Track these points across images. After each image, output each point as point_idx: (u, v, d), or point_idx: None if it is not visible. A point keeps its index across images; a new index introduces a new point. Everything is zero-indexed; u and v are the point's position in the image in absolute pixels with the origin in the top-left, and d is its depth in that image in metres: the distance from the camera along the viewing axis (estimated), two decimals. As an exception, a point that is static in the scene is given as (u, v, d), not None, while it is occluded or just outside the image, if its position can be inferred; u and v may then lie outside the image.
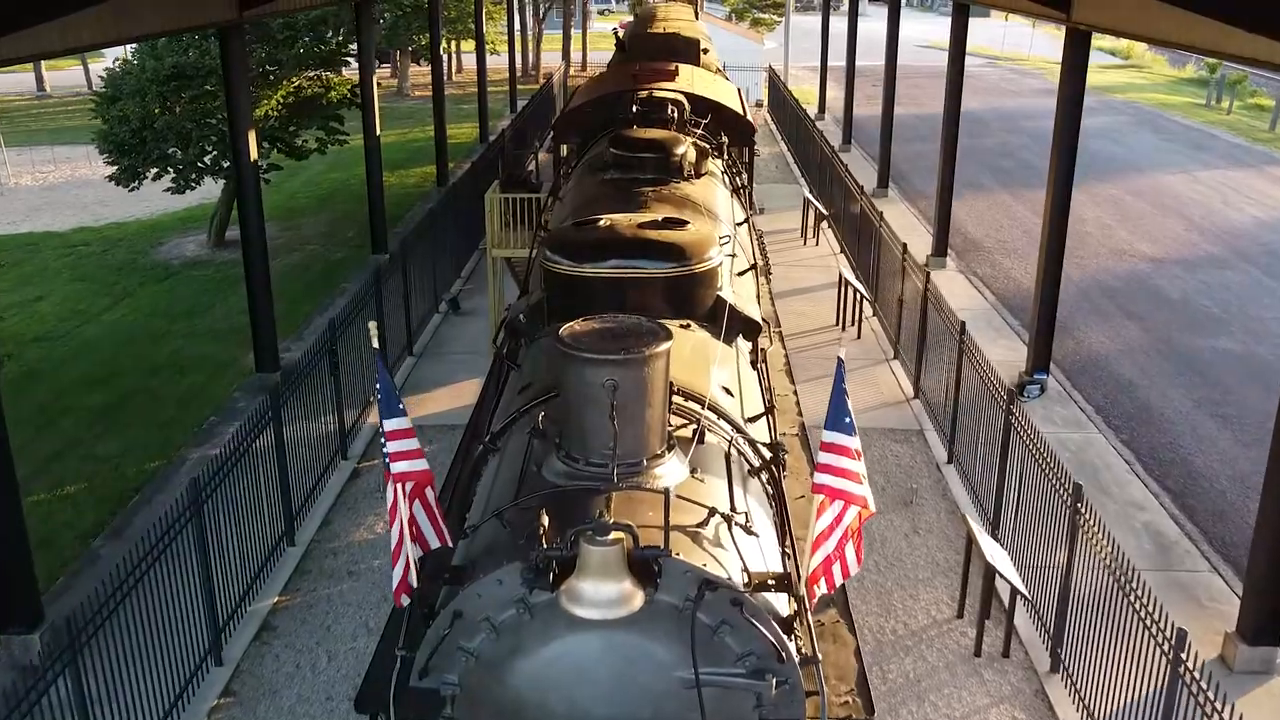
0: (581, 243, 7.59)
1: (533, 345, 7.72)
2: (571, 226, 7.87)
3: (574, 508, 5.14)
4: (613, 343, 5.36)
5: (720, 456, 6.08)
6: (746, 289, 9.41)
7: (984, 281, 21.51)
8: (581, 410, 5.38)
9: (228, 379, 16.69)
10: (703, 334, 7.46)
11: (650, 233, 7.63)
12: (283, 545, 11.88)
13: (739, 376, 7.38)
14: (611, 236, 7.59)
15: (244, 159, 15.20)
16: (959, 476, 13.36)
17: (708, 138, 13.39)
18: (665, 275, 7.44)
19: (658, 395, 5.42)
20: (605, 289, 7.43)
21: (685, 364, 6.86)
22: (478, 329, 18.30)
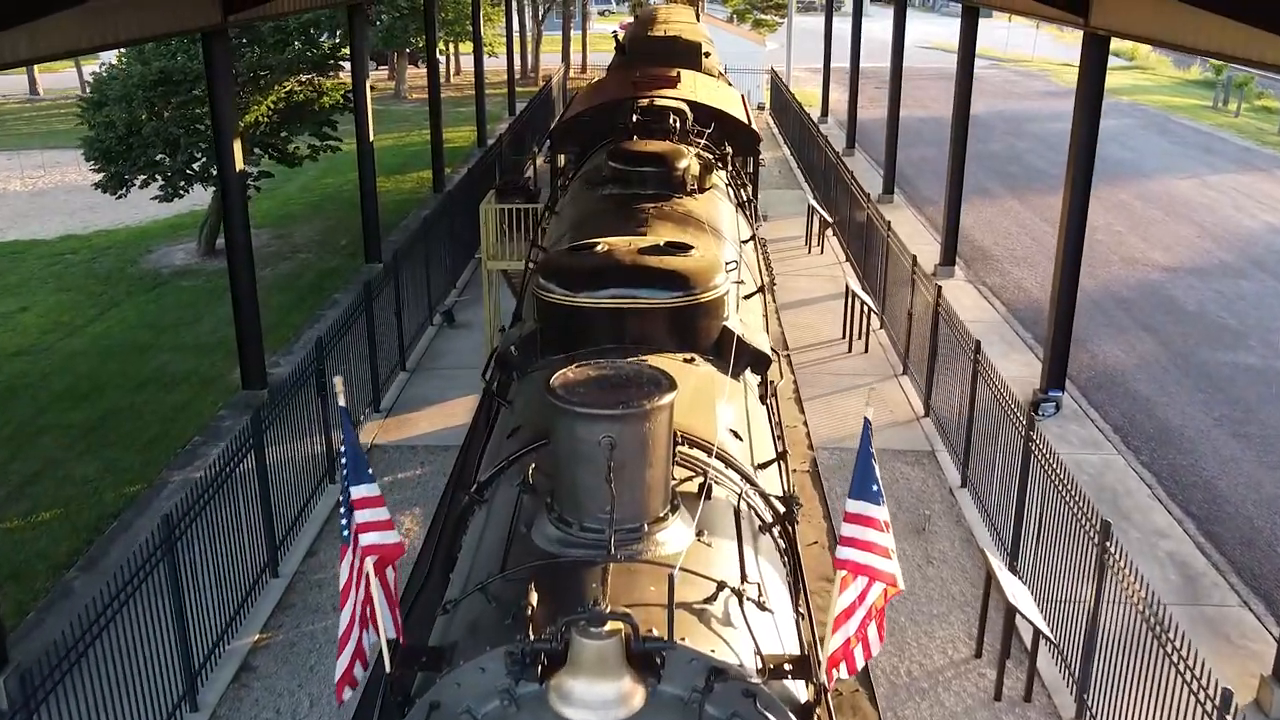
0: (577, 270, 7.03)
1: (525, 379, 7.16)
2: (566, 251, 7.31)
3: (566, 582, 4.58)
4: (609, 394, 4.79)
5: (729, 513, 5.51)
6: (754, 315, 8.86)
7: (993, 291, 20.94)
8: (575, 469, 4.81)
9: (214, 395, 16.13)
10: (708, 369, 6.90)
11: (651, 259, 7.06)
12: (265, 577, 11.32)
13: (747, 416, 6.82)
14: (609, 263, 7.03)
15: (229, 168, 14.64)
16: (973, 502, 12.80)
17: (711, 148, 12.85)
18: (667, 306, 6.88)
19: (660, 452, 4.86)
20: (603, 320, 6.88)
21: (689, 405, 6.30)
22: (473, 342, 17.75)
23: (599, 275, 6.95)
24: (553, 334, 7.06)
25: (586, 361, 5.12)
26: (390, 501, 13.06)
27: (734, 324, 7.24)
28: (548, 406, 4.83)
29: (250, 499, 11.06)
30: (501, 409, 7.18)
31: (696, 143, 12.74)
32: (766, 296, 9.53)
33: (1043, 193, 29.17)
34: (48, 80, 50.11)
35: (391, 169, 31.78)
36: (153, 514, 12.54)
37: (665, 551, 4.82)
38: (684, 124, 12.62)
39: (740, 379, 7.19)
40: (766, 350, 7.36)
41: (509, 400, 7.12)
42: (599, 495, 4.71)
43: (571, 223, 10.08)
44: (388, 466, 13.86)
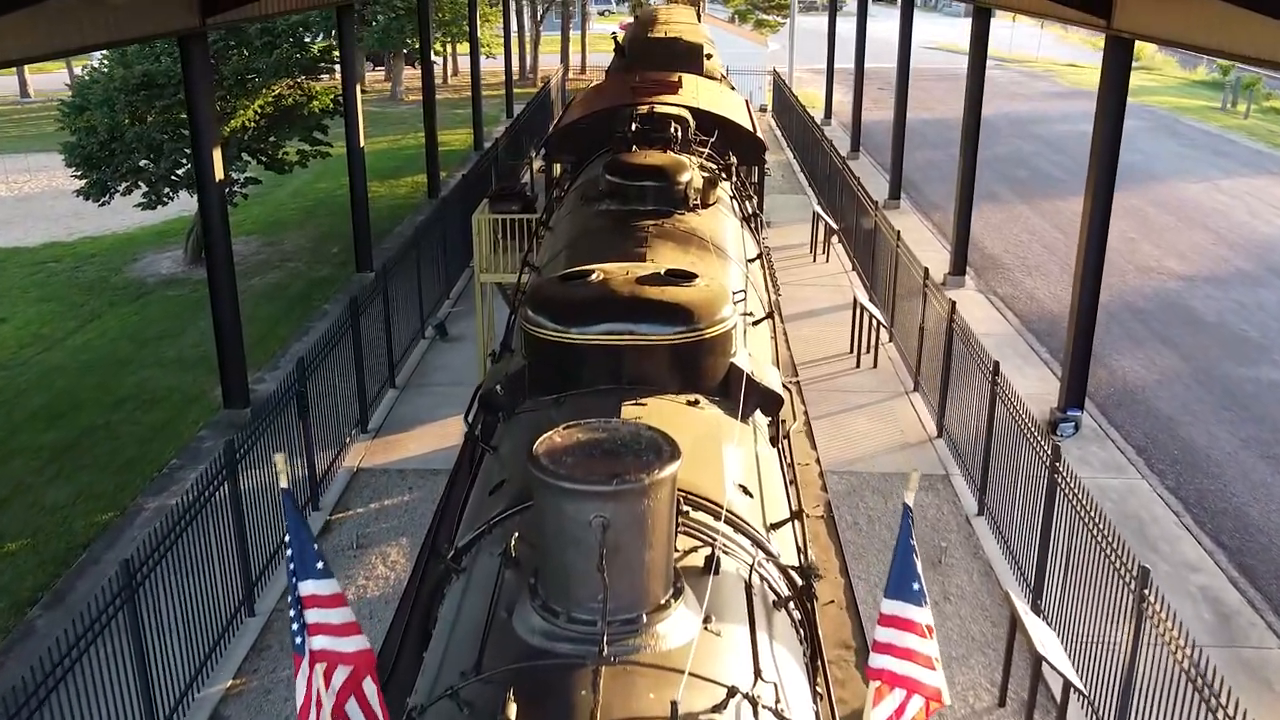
0: (569, 302, 6.35)
1: (511, 422, 6.48)
2: (557, 280, 6.62)
3: (552, 688, 3.91)
4: (602, 464, 4.10)
5: (739, 590, 4.83)
6: (762, 344, 8.18)
7: (1005, 302, 20.25)
8: (562, 552, 4.13)
9: (195, 414, 15.45)
10: (714, 412, 6.22)
11: (650, 290, 6.38)
12: (240, 616, 10.63)
13: (758, 467, 6.13)
14: (604, 295, 6.35)
15: (208, 178, 13.97)
16: (992, 532, 12.11)
17: (715, 157, 12.18)
18: (669, 342, 6.20)
19: (662, 531, 4.17)
20: (598, 358, 6.20)
21: (694, 458, 5.62)
22: (466, 356, 17.07)
23: (593, 308, 6.27)
24: (542, 372, 6.38)
25: (575, 423, 4.43)
26: (376, 530, 12.45)
27: (742, 360, 6.56)
28: (531, 478, 4.15)
29: (224, 532, 10.37)
30: (485, 455, 6.50)
31: (699, 152, 12.08)
32: (775, 321, 8.84)
33: (1052, 197, 28.49)
34: (38, 82, 49.41)
35: (386, 173, 31.12)
36: (124, 546, 11.88)
37: (667, 646, 4.14)
38: (685, 132, 11.94)
39: (749, 421, 6.52)
40: (778, 389, 6.68)
41: (493, 445, 6.44)
42: (590, 582, 4.04)
43: (566, 240, 9.40)
44: (374, 492, 13.17)
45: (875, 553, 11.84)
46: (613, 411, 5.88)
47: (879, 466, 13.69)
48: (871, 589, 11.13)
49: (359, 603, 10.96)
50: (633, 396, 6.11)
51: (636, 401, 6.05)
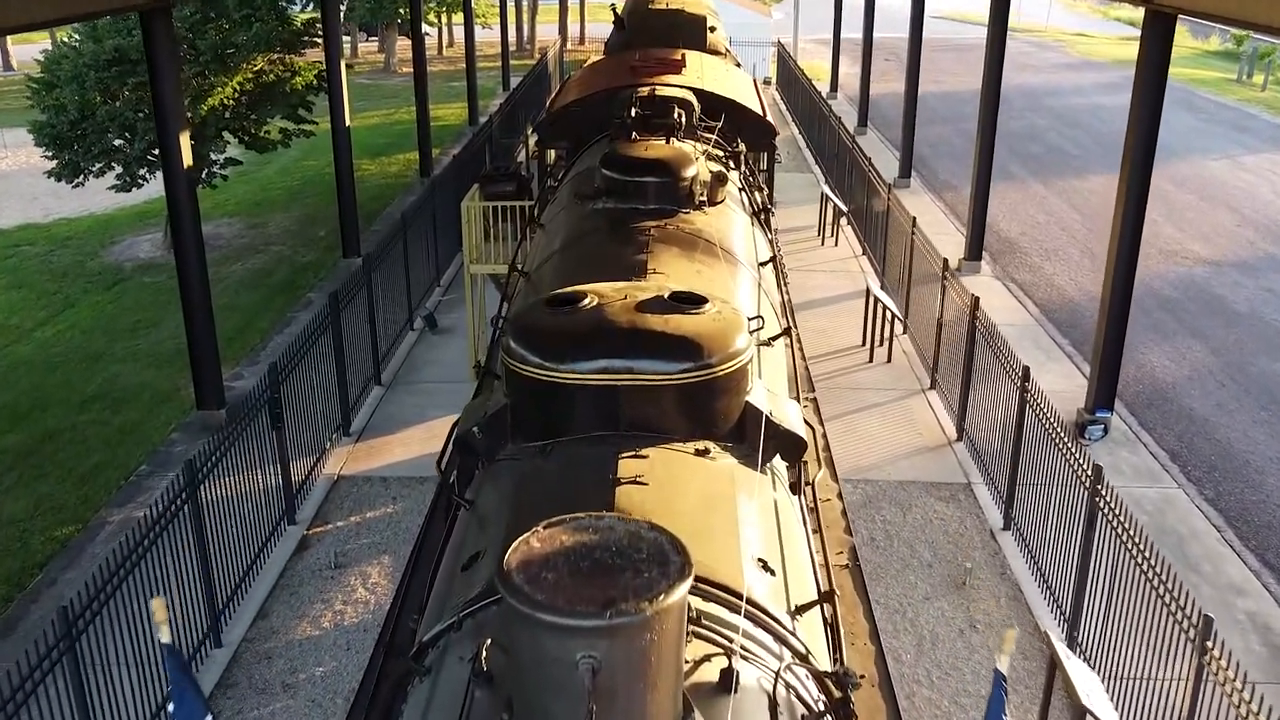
0: (558, 334, 5.42)
1: (490, 471, 5.58)
2: (544, 305, 5.67)
3: None
4: (593, 585, 3.19)
5: (761, 707, 3.94)
6: (777, 367, 7.25)
7: (1024, 289, 19.29)
8: (540, 694, 3.23)
9: (167, 414, 14.54)
10: (726, 463, 5.31)
11: (653, 320, 5.44)
12: (205, 649, 9.76)
13: (779, 530, 5.22)
14: (599, 325, 5.42)
15: (175, 164, 12.98)
16: (1019, 550, 11.22)
17: (722, 144, 11.20)
18: (675, 382, 5.28)
19: (668, 670, 3.27)
20: (591, 400, 5.29)
21: (705, 528, 4.73)
22: (457, 351, 16.14)
23: (586, 342, 5.34)
24: (527, 413, 5.47)
25: (558, 521, 3.51)
26: (356, 547, 11.55)
27: (759, 397, 5.63)
28: (503, 605, 3.24)
29: (185, 558, 9.49)
30: (460, 512, 5.59)
31: (705, 138, 11.10)
32: (792, 336, 7.90)
33: (1068, 175, 27.46)
34: (21, 53, 48.09)
35: (377, 150, 30.06)
36: (85, 564, 11.02)
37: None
38: (690, 117, 10.95)
39: (768, 470, 5.61)
40: (800, 429, 5.75)
41: (469, 501, 5.53)
42: (575, 730, 3.15)
43: (558, 243, 8.46)
44: (355, 504, 12.28)
45: (894, 573, 10.97)
46: (607, 464, 4.99)
47: (896, 474, 12.79)
48: (890, 615, 10.28)
49: (335, 632, 10.11)
50: (631, 446, 5.21)
51: (636, 453, 5.14)
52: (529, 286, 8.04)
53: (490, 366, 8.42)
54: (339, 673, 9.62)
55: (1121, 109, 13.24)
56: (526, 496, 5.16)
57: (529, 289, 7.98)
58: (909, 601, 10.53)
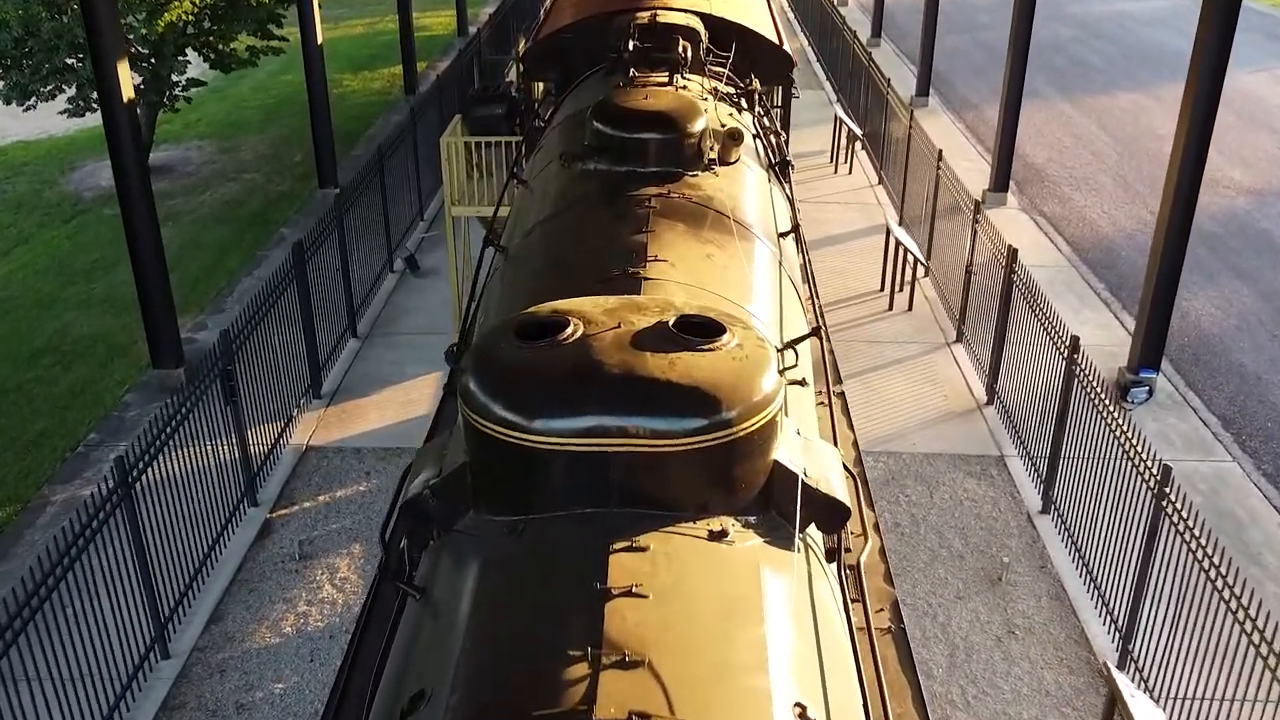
0: (531, 380, 4.14)
1: (447, 550, 4.36)
2: (513, 336, 4.37)
3: None
4: None
5: None
6: (806, 409, 5.95)
7: (1053, 224, 17.87)
8: None
9: (121, 372, 13.30)
10: (749, 548, 4.09)
11: (656, 361, 4.14)
12: (151, 661, 8.69)
13: (818, 645, 4.02)
14: (586, 368, 4.13)
15: (114, 92, 11.50)
16: (1060, 539, 10.10)
17: (734, 80, 9.77)
18: (684, 448, 4.03)
19: None
20: (575, 468, 4.05)
21: (723, 661, 3.54)
22: (441, 296, 14.83)
23: (568, 392, 4.07)
24: (493, 479, 4.23)
25: None
26: (324, 533, 10.33)
27: (790, 452, 4.39)
28: None
29: (123, 564, 8.36)
30: (409, 602, 4.39)
31: (715, 73, 9.66)
32: (821, 333, 6.60)
33: (1096, 93, 25.74)
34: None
35: (360, 63, 28.27)
36: (22, 554, 9.92)
37: None
38: (696, 49, 9.48)
39: (803, 548, 4.39)
40: (843, 495, 4.51)
41: (418, 589, 4.32)
42: None
43: (542, 212, 7.13)
44: (325, 479, 11.13)
45: (921, 566, 9.86)
46: (594, 562, 3.79)
47: (921, 445, 11.62)
48: (919, 618, 9.19)
49: (297, 639, 9.03)
50: (626, 530, 3.98)
51: (632, 543, 3.92)
52: (505, 274, 6.75)
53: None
54: (300, 690, 8.56)
55: (1148, 17, 11.79)
56: (490, 601, 3.96)
57: (505, 278, 6.68)
58: (939, 602, 9.44)
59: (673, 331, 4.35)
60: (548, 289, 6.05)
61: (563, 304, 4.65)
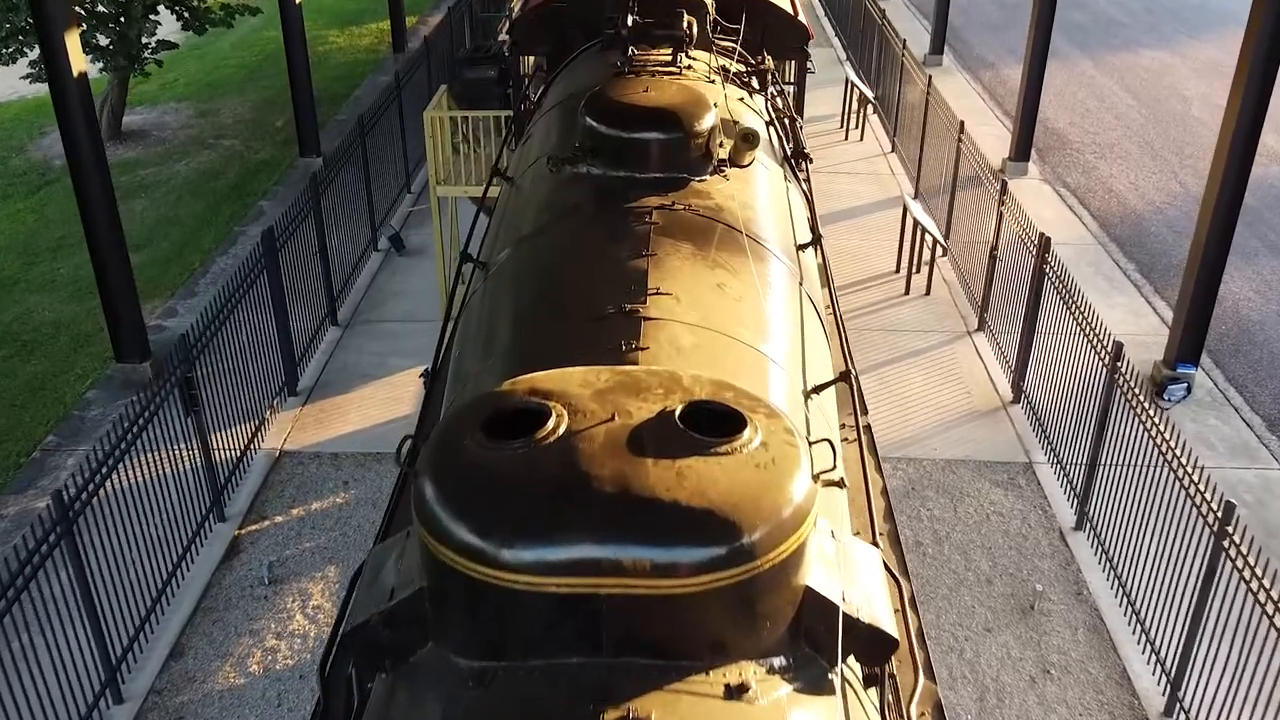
0: (502, 497, 3.27)
1: (398, 687, 3.51)
2: (479, 424, 3.47)
3: None
4: None
5: None
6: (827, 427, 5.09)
7: (1078, 196, 16.88)
8: None
9: (84, 364, 12.42)
10: (773, 707, 3.23)
11: (659, 472, 3.25)
12: (101, 709, 7.90)
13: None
14: (571, 481, 3.25)
15: (60, 60, 10.55)
16: (1098, 560, 9.29)
17: (746, 57, 8.80)
18: (697, 587, 3.17)
19: None
20: (559, 611, 3.20)
21: None
22: (426, 279, 13.91)
23: (550, 517, 3.19)
24: (455, 616, 3.37)
25: None
26: (296, 553, 9.43)
27: (824, 573, 3.52)
28: None
29: (67, 604, 7.56)
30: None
31: (723, 49, 8.68)
32: (851, 383, 5.69)
33: (1118, 50, 24.56)
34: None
35: (347, 18, 27.04)
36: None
37: None
38: (703, 23, 8.48)
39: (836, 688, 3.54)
40: (890, 626, 3.65)
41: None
42: None
43: (526, 224, 6.22)
44: (299, 489, 10.29)
45: (946, 593, 9.05)
46: None
47: (943, 450, 10.77)
48: (944, 653, 8.40)
49: (264, 679, 8.24)
50: (623, 689, 3.15)
51: (628, 711, 3.08)
52: (484, 301, 5.84)
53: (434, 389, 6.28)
54: (266, 740, 7.80)
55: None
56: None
57: (483, 307, 5.78)
58: (966, 634, 8.64)
59: (679, 427, 3.46)
60: (530, 331, 5.17)
61: (544, 380, 3.76)
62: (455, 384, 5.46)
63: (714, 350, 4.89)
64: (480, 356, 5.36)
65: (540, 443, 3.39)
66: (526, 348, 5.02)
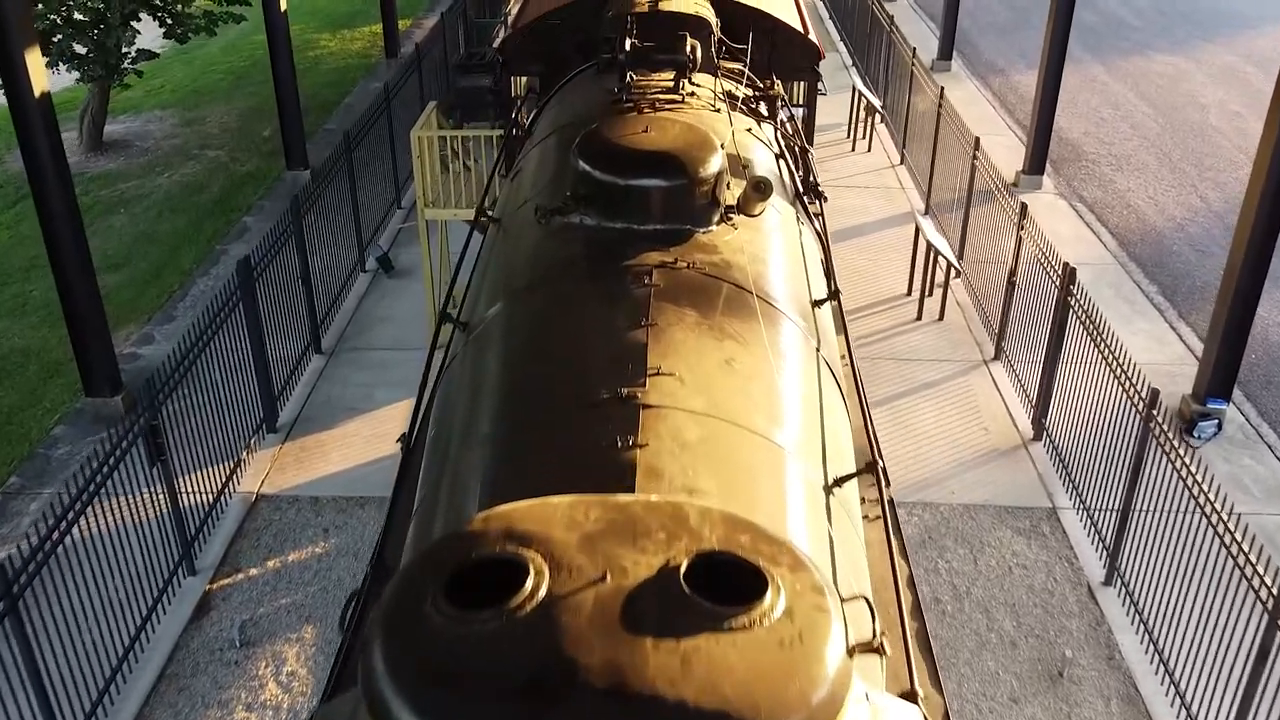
0: (467, 694, 2.63)
1: None
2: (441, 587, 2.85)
3: None
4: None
5: None
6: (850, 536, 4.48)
7: (1095, 212, 16.23)
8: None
9: (54, 396, 11.79)
10: None
11: (660, 658, 2.62)
12: (54, 793, 7.29)
13: None
14: (551, 673, 2.62)
15: (18, 71, 9.90)
16: (1130, 620, 8.66)
17: (754, 81, 8.18)
18: None
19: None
20: None
21: None
22: (415, 302, 13.26)
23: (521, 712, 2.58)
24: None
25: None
26: (271, 611, 8.63)
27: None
28: None
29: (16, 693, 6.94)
30: None
31: (729, 72, 8.06)
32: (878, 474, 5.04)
33: (1130, 54, 23.91)
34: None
35: (339, 20, 26.38)
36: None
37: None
38: (707, 46, 7.85)
39: None
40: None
41: None
42: None
43: (509, 281, 5.60)
44: (276, 538, 9.66)
45: (968, 655, 8.42)
46: None
47: (961, 493, 10.14)
48: (968, 726, 7.77)
49: (233, 758, 7.61)
50: None
51: None
52: (464, 372, 5.22)
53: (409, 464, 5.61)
54: (233, 829, 7.17)
55: None
56: None
57: (462, 379, 5.16)
58: (991, 705, 8.02)
59: (685, 591, 2.82)
60: (514, 421, 4.54)
61: (522, 517, 3.11)
62: (429, 475, 4.84)
63: (723, 445, 4.26)
64: (458, 442, 4.74)
65: (515, 613, 2.75)
66: (509, 442, 4.40)
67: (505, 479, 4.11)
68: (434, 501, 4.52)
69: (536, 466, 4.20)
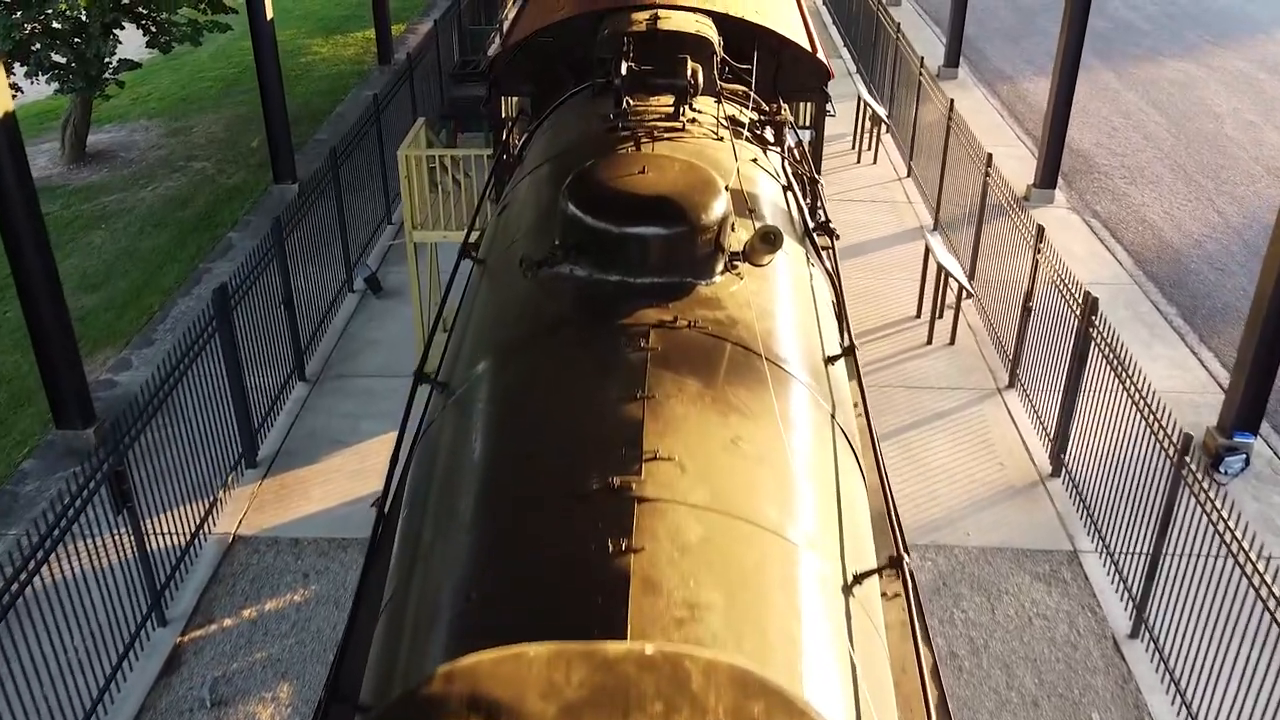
0: None
1: None
2: None
3: None
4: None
5: None
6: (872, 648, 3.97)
7: (1109, 227, 15.70)
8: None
9: (24, 426, 11.26)
10: None
11: None
12: None
13: None
14: None
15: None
16: (1159, 677, 8.13)
17: (760, 105, 7.66)
18: None
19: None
20: None
21: None
22: (404, 325, 12.74)
23: None
24: None
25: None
26: (245, 666, 7.58)
27: None
28: None
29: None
30: None
31: (732, 95, 7.54)
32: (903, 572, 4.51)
33: (1141, 60, 23.36)
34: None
35: (332, 25, 25.84)
36: None
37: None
38: (710, 68, 7.32)
39: None
40: None
41: None
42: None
43: (492, 336, 5.08)
44: (253, 584, 9.12)
45: (989, 715, 7.89)
46: None
47: (976, 535, 9.61)
48: (988, 798, 7.23)
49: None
50: None
51: None
52: (441, 444, 4.71)
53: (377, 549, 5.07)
54: None
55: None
56: None
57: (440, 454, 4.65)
58: (1013, 774, 7.50)
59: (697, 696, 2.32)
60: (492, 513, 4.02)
61: (490, 679, 2.62)
62: (400, 563, 4.32)
63: (729, 546, 3.74)
64: (432, 529, 4.22)
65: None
66: (487, 537, 3.88)
67: (480, 595, 3.59)
68: (402, 604, 4.00)
69: (516, 573, 3.68)
